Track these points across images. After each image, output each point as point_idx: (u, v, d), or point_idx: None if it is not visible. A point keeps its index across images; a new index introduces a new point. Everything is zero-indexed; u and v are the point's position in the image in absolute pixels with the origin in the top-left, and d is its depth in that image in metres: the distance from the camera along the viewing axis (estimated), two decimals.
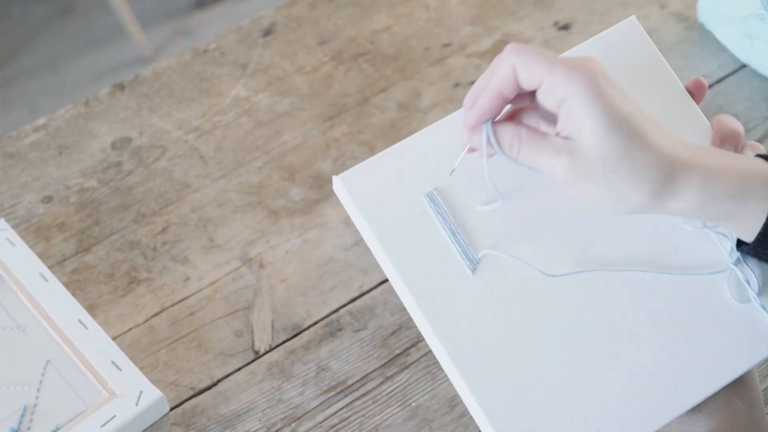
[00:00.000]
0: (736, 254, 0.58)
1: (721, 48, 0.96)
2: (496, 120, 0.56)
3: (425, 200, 0.58)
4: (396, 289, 0.58)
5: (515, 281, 0.57)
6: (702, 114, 0.62)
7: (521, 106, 0.57)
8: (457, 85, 0.95)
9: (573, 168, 0.52)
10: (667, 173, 0.51)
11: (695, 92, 0.62)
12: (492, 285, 0.57)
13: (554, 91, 0.51)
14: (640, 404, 0.55)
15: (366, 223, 0.58)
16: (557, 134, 0.53)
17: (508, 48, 0.53)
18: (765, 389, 0.73)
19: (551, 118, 0.55)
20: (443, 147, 0.59)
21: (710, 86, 0.94)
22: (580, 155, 0.51)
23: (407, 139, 0.60)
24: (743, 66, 0.95)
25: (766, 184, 0.53)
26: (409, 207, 0.58)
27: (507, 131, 0.54)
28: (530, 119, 0.57)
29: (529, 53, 0.52)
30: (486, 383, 0.55)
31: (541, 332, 0.56)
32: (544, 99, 0.52)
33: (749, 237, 0.54)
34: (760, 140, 0.89)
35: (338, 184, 0.58)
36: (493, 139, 0.55)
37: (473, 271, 0.57)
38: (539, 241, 0.58)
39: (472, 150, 0.57)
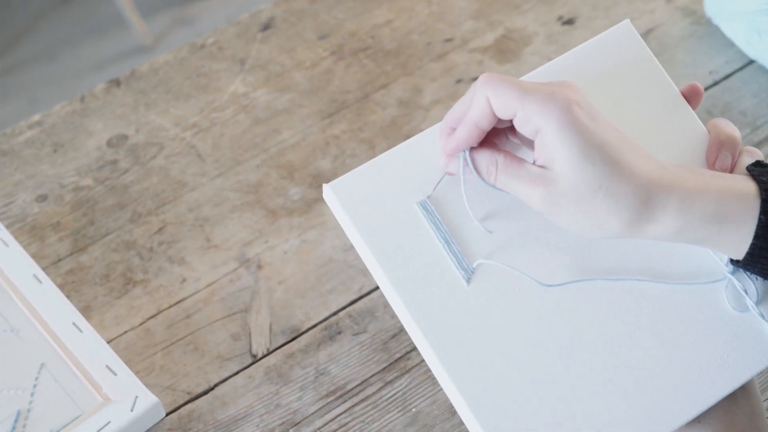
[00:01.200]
0: (732, 264, 0.57)
1: (729, 43, 0.94)
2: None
3: (418, 209, 0.57)
4: (389, 300, 0.57)
5: (511, 291, 0.56)
6: (698, 119, 0.61)
7: (505, 126, 0.57)
8: (459, 81, 0.93)
9: (548, 197, 0.52)
10: (643, 200, 0.51)
11: (691, 97, 0.61)
12: (487, 295, 0.56)
13: (528, 122, 0.51)
14: (639, 415, 0.54)
15: (357, 233, 0.56)
16: (534, 162, 0.53)
17: (481, 79, 0.53)
18: (766, 399, 0.72)
19: (530, 143, 0.55)
20: (436, 154, 0.58)
21: (717, 83, 0.92)
22: (555, 185, 0.52)
23: (399, 146, 0.59)
24: (751, 62, 0.93)
25: (745, 206, 0.52)
26: (402, 216, 0.57)
27: (484, 158, 0.55)
28: (513, 139, 0.58)
29: (501, 85, 0.52)
30: (481, 394, 0.54)
31: (537, 343, 0.55)
32: (520, 128, 0.53)
33: (737, 256, 0.54)
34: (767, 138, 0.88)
35: (328, 192, 0.57)
36: (471, 166, 0.55)
37: (468, 281, 0.56)
38: (535, 251, 0.57)
39: (450, 174, 0.57)
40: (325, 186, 0.57)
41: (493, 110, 0.53)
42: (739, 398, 0.57)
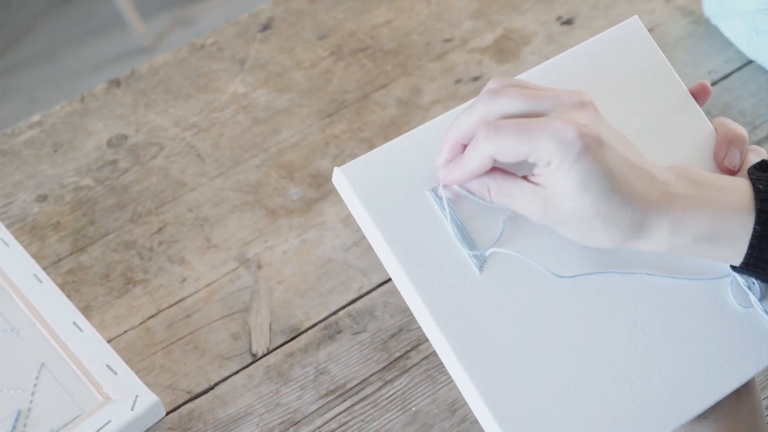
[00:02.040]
0: None
1: (727, 43, 0.95)
2: None
3: (430, 195, 0.57)
4: (399, 287, 0.56)
5: (523, 281, 0.56)
6: (705, 118, 0.61)
7: None
8: (458, 81, 0.93)
9: (544, 212, 0.53)
10: (638, 222, 0.52)
11: (698, 96, 0.61)
12: (500, 284, 0.56)
13: (540, 160, 0.51)
14: (648, 408, 0.54)
15: (370, 218, 0.56)
16: (533, 175, 0.53)
17: (482, 134, 0.52)
18: (765, 398, 0.72)
19: None
20: None
21: (716, 82, 0.92)
22: (552, 205, 0.52)
23: (411, 131, 0.58)
24: (750, 62, 0.93)
25: (739, 222, 0.53)
26: (414, 201, 0.56)
27: (474, 185, 0.55)
28: None
29: (505, 138, 0.51)
30: (492, 383, 0.54)
31: (548, 333, 0.55)
32: (532, 162, 0.52)
33: (734, 263, 0.55)
34: (767, 138, 0.88)
35: (339, 176, 0.56)
36: (463, 191, 0.56)
37: (480, 269, 0.56)
38: (547, 241, 0.57)
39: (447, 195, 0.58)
40: (336, 169, 0.56)
41: (497, 161, 0.53)
42: (743, 395, 0.58)
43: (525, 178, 0.53)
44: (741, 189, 0.54)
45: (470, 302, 0.55)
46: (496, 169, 0.55)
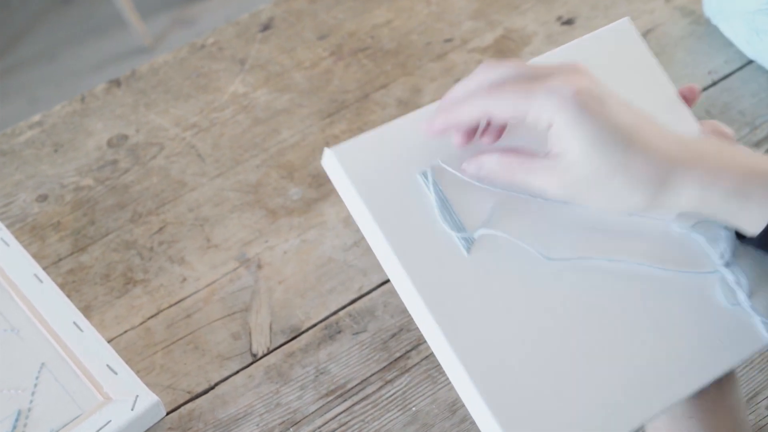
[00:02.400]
0: (726, 257, 0.58)
1: (728, 43, 0.95)
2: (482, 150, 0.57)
3: (420, 178, 0.57)
4: (387, 269, 0.56)
5: (511, 262, 0.56)
6: (694, 118, 0.61)
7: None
8: (458, 81, 0.93)
9: (565, 184, 0.53)
10: (663, 177, 0.51)
11: (687, 97, 0.62)
12: (487, 265, 0.56)
13: (539, 119, 0.52)
14: (632, 392, 0.55)
15: (359, 198, 0.56)
16: (548, 153, 0.53)
17: (482, 91, 0.53)
18: (764, 399, 0.72)
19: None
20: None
21: (716, 82, 0.92)
22: (571, 172, 0.52)
23: (405, 116, 0.58)
24: (750, 62, 0.93)
25: (765, 184, 0.52)
26: (405, 184, 0.57)
27: (493, 162, 0.55)
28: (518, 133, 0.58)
29: (504, 93, 0.52)
30: (478, 360, 0.54)
31: (535, 315, 0.56)
32: (532, 124, 0.53)
33: (754, 230, 0.54)
34: (767, 138, 0.88)
35: (330, 157, 0.56)
36: (482, 173, 0.56)
37: (468, 250, 0.56)
38: (537, 224, 0.57)
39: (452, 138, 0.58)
40: (327, 150, 0.56)
41: (496, 119, 0.53)
42: (726, 391, 0.58)
43: None
44: (764, 159, 0.53)
45: (459, 283, 0.55)
46: (512, 150, 0.55)
